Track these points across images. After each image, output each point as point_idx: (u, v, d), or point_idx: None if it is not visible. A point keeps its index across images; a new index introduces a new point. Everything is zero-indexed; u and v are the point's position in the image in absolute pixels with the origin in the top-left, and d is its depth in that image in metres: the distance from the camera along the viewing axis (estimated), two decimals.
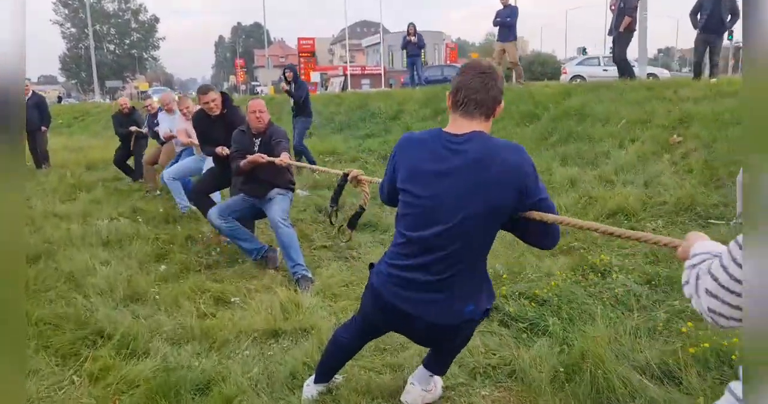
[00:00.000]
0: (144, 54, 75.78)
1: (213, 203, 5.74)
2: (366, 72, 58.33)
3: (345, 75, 50.16)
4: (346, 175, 3.15)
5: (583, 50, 43.85)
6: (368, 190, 3.09)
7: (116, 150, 9.80)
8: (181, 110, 7.07)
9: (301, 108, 10.83)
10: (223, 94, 5.52)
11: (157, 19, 76.18)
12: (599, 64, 22.59)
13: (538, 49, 74.48)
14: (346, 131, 11.74)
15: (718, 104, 7.87)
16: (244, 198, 4.94)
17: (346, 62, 62.73)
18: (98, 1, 69.89)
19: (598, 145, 7.97)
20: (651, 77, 21.52)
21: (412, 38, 14.20)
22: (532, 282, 4.21)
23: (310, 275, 4.62)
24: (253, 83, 66.99)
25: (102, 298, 4.25)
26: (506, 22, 12.67)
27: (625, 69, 10.71)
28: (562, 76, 23.14)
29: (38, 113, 10.93)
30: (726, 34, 9.85)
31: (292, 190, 5.01)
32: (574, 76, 22.34)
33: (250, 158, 4.60)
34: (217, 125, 5.45)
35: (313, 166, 3.99)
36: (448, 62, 49.01)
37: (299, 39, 56.44)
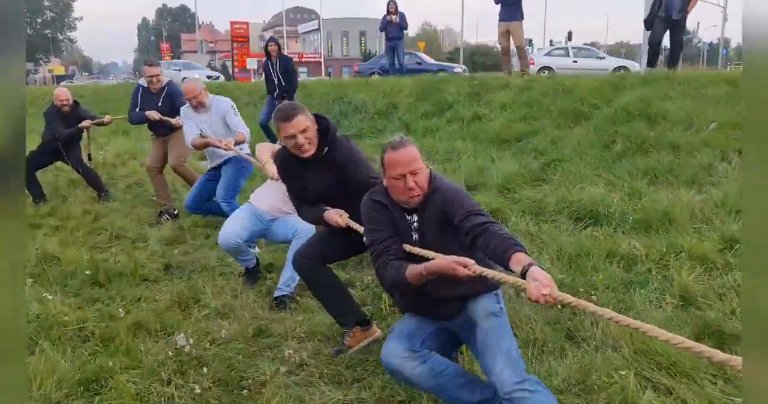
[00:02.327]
0: (59, 35, 69.36)
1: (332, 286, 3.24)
2: (304, 60, 55.17)
3: None
4: None
5: (529, 42, 42.60)
6: None
7: (31, 152, 6.44)
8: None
9: (288, 85, 8.93)
10: (318, 118, 3.01)
11: None
12: (568, 55, 21.05)
13: (468, 41, 73.07)
14: None
15: None
16: (421, 318, 2.53)
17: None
18: None
19: (691, 157, 5.94)
20: (622, 70, 20.22)
21: (394, 18, 11.79)
22: None
23: None
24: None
25: None
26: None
27: (678, 59, 8.88)
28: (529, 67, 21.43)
29: None
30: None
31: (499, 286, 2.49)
32: (542, 68, 20.72)
33: (430, 268, 2.17)
34: (315, 173, 3.06)
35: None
36: None
37: (232, 23, 52.22)
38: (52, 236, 5.34)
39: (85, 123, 6.32)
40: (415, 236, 2.44)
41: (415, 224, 2.43)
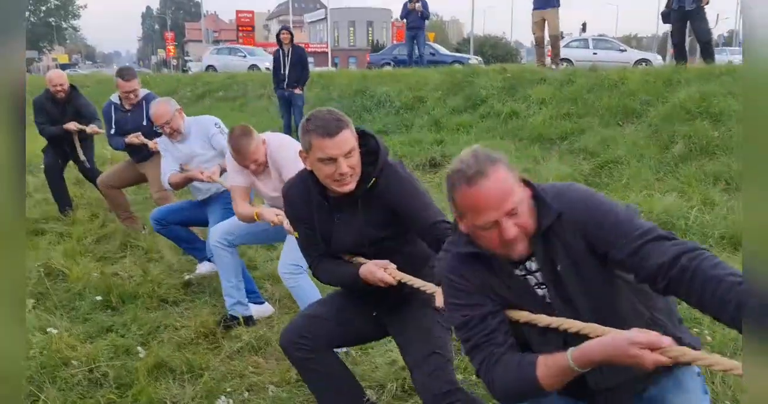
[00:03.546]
0: (63, 23, 68.58)
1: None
2: (309, 50, 54.30)
3: None
4: None
5: None
6: None
7: (45, 150, 5.62)
8: (246, 165, 3.11)
9: (301, 75, 8.67)
10: (362, 135, 2.04)
11: None
12: (588, 47, 20.37)
13: (477, 33, 72.06)
14: None
15: None
16: None
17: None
18: None
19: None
20: (644, 63, 19.56)
21: (416, 5, 11.14)
22: None
23: None
24: (185, 58, 61.71)
25: None
26: None
27: (711, 51, 8.29)
28: (548, 59, 20.78)
29: None
30: None
31: None
32: (560, 59, 20.09)
33: (589, 356, 1.34)
34: (348, 217, 2.08)
35: None
36: (395, 42, 46.08)
37: (237, 12, 51.70)
38: (57, 246, 4.78)
39: (71, 126, 5.23)
40: (542, 293, 1.53)
41: (537, 276, 1.52)
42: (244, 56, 22.67)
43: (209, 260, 4.12)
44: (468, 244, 1.53)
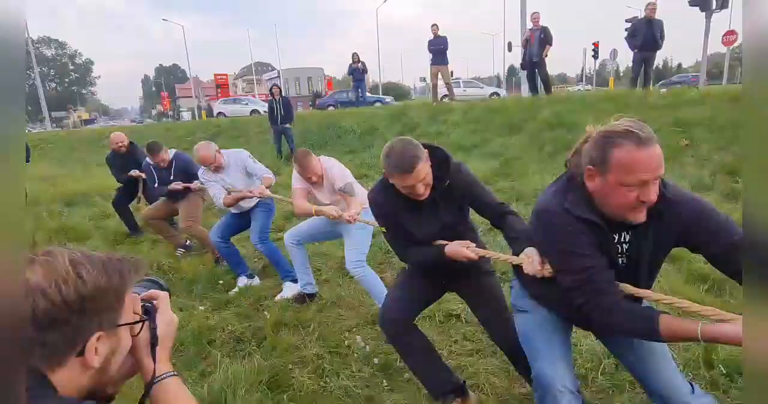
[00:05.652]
0: (83, 90, 62.81)
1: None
2: (268, 100, 52.41)
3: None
4: None
5: (423, 79, 42.49)
6: None
7: (117, 189, 5.10)
8: (308, 177, 2.91)
9: (289, 115, 8.68)
10: (430, 149, 1.74)
11: (91, 62, 63.38)
12: (461, 86, 20.92)
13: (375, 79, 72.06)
14: (325, 149, 8.54)
15: (682, 111, 6.04)
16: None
17: (247, 93, 56.19)
18: (37, 48, 56.18)
19: None
20: (495, 95, 20.33)
21: (359, 65, 11.11)
22: None
23: None
24: (179, 110, 58.07)
25: None
26: (439, 49, 10.15)
27: (549, 86, 8.85)
28: (444, 98, 21.24)
29: None
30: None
31: None
32: (444, 96, 20.53)
33: (717, 333, 1.07)
34: (430, 213, 1.83)
35: None
36: (328, 90, 45.31)
37: (215, 74, 49.35)
38: (154, 249, 4.48)
39: (134, 173, 4.77)
40: (621, 260, 1.28)
41: (625, 245, 1.27)
42: (246, 104, 22.66)
43: (247, 277, 3.63)
44: (583, 208, 1.22)
